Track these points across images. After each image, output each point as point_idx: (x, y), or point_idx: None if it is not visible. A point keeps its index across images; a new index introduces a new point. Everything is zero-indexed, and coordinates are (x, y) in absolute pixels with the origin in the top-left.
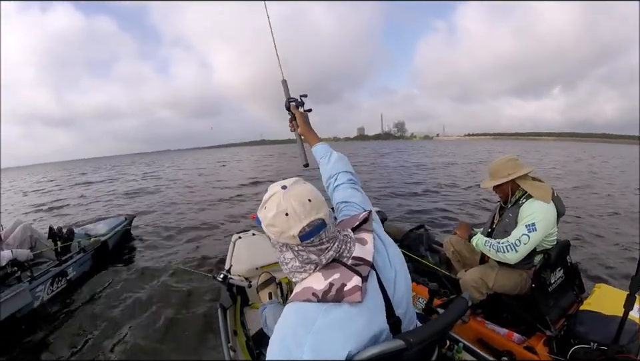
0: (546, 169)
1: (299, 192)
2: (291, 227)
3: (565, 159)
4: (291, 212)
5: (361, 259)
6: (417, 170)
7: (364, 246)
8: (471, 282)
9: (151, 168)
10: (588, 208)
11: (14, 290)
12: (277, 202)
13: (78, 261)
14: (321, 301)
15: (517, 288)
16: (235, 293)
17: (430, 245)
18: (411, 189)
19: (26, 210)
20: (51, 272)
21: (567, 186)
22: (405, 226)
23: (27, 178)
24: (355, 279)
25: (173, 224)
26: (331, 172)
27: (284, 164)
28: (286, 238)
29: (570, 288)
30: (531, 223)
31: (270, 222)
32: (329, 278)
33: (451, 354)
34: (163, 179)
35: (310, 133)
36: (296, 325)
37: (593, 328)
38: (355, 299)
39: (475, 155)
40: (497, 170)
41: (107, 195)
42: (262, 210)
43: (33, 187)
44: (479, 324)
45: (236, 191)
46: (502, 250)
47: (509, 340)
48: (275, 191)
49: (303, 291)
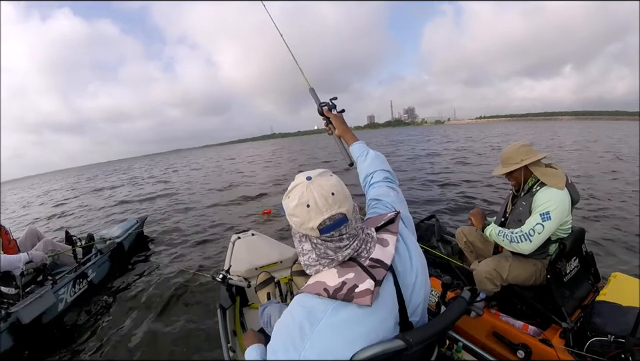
0: (569, 150)
1: (323, 185)
2: (311, 219)
3: (582, 139)
4: (312, 204)
5: (379, 261)
6: (427, 159)
7: (385, 248)
8: (484, 273)
9: (161, 169)
10: (610, 192)
11: (38, 292)
12: (300, 193)
13: (97, 263)
14: (331, 297)
15: (531, 279)
16: (234, 293)
17: (442, 235)
18: (422, 178)
19: (47, 222)
20: (72, 275)
21: (591, 170)
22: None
23: (43, 187)
24: (367, 282)
25: (185, 225)
26: (367, 170)
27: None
28: (306, 230)
29: (585, 277)
30: (545, 212)
31: (291, 212)
32: (342, 276)
33: (450, 354)
34: (173, 182)
35: (347, 133)
36: (303, 318)
37: (610, 320)
38: (365, 302)
39: (490, 139)
40: (509, 156)
41: (123, 197)
42: (285, 199)
43: (48, 197)
44: (494, 316)
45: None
46: (516, 240)
47: (524, 332)
48: (300, 182)
49: (315, 284)
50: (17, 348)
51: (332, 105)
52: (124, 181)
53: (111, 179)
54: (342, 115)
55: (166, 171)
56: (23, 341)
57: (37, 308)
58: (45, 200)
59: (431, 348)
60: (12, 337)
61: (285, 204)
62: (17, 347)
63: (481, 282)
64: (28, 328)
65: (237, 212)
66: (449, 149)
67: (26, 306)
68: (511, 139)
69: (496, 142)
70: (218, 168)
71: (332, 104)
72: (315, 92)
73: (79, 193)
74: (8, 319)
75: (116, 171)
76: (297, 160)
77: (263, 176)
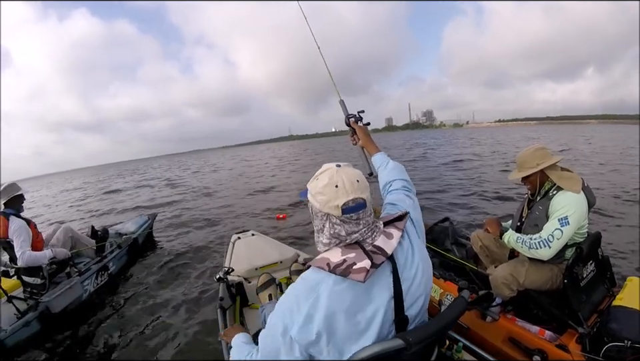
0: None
1: (351, 172)
2: (338, 197)
3: (618, 143)
4: (340, 185)
5: (380, 249)
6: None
7: (388, 240)
8: (501, 278)
9: (180, 169)
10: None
11: (67, 283)
12: (330, 175)
13: (116, 256)
14: (331, 271)
15: (547, 284)
16: (234, 293)
17: (456, 239)
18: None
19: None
20: (94, 267)
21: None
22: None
23: (59, 186)
24: (365, 262)
25: (198, 222)
26: (387, 178)
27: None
28: (329, 208)
29: (601, 281)
30: (563, 217)
31: (320, 190)
32: (345, 255)
33: (450, 354)
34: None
35: (370, 145)
36: (302, 288)
37: (627, 325)
38: (358, 278)
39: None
40: (524, 160)
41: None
42: (313, 181)
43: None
44: (510, 321)
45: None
46: (535, 246)
47: (541, 337)
48: (330, 167)
49: (320, 260)
50: (43, 334)
51: (358, 117)
52: (156, 179)
53: (139, 177)
54: (367, 127)
55: (185, 170)
56: (49, 327)
57: (67, 299)
58: (61, 199)
59: (431, 347)
60: (40, 324)
61: (311, 185)
62: (43, 332)
63: (497, 287)
64: (57, 317)
65: (251, 213)
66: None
67: (57, 296)
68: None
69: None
70: (241, 168)
71: (359, 116)
72: (344, 104)
73: (95, 193)
74: (38, 307)
75: (145, 167)
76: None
77: (282, 178)
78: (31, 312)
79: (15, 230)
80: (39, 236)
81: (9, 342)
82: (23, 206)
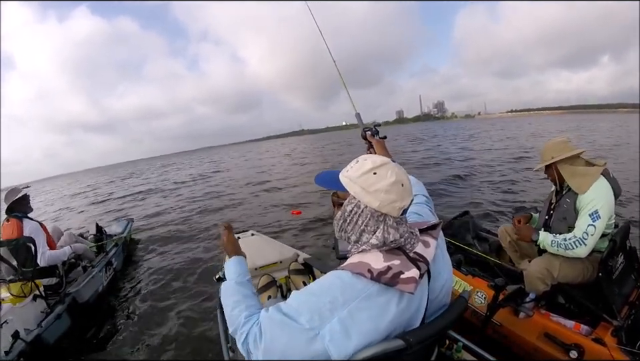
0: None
1: (403, 169)
2: (403, 198)
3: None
4: (405, 184)
5: (422, 256)
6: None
7: (426, 248)
8: (536, 273)
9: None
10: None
11: (89, 273)
12: (395, 172)
13: (116, 253)
14: (374, 280)
15: (579, 277)
16: None
17: (477, 233)
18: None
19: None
20: (102, 262)
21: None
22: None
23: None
24: (413, 271)
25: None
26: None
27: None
28: (391, 208)
29: (630, 273)
30: (593, 211)
31: (386, 189)
32: (388, 261)
33: (450, 353)
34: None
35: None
36: (338, 292)
37: None
38: (409, 289)
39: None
40: (543, 152)
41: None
42: (371, 176)
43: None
44: (544, 317)
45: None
46: (571, 246)
47: (577, 332)
48: (387, 161)
49: (359, 264)
50: (74, 328)
51: (375, 131)
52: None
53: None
54: (383, 141)
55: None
56: (78, 320)
57: (91, 288)
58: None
59: (431, 347)
60: (70, 317)
61: (369, 181)
62: (74, 327)
63: (531, 282)
64: (82, 307)
65: (262, 211)
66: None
67: (83, 285)
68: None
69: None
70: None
71: (375, 130)
72: (360, 117)
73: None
74: (65, 299)
75: (149, 169)
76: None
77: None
78: (59, 306)
79: (30, 231)
80: (50, 236)
81: (47, 337)
82: (30, 207)
